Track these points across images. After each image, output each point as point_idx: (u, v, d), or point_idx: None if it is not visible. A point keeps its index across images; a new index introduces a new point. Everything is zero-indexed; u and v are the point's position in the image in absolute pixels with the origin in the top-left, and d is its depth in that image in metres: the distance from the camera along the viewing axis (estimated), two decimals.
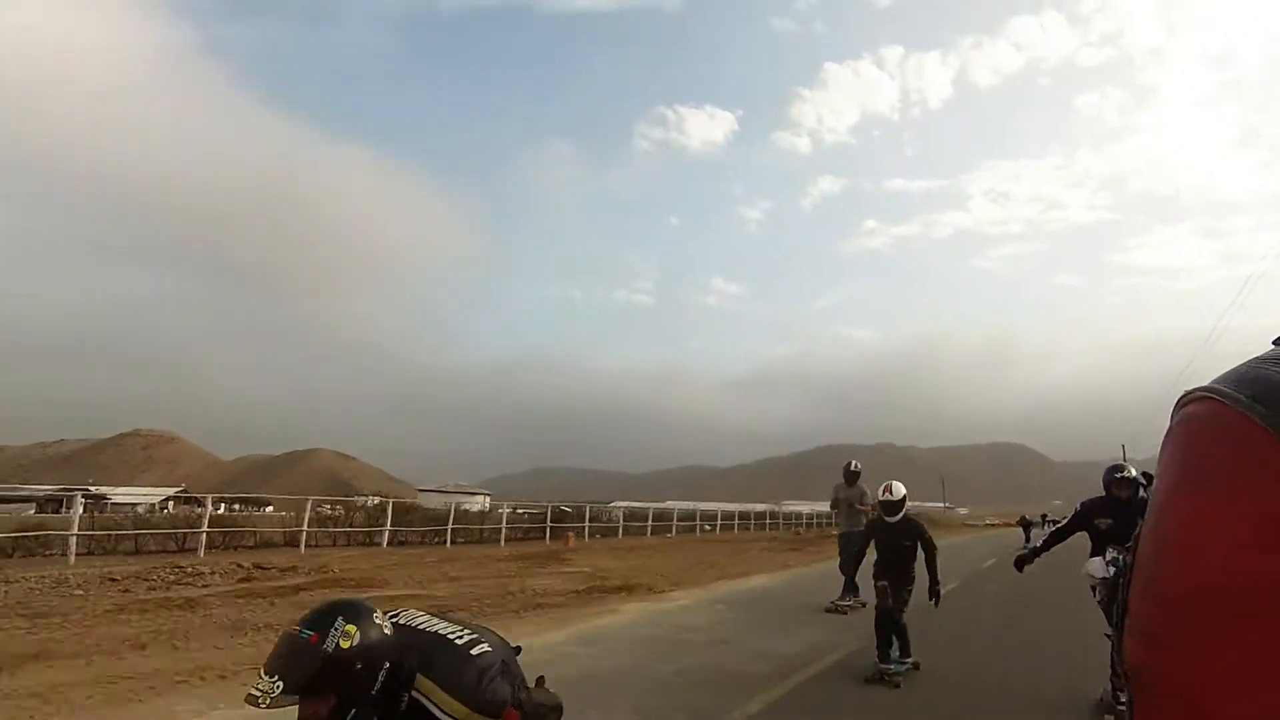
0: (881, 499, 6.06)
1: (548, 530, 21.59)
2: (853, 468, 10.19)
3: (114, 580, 9.35)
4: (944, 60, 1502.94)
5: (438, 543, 18.23)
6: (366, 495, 33.70)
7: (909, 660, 5.77)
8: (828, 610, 9.08)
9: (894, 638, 5.75)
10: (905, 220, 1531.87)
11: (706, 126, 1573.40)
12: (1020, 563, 5.64)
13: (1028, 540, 29.05)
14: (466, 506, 20.49)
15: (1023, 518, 35.02)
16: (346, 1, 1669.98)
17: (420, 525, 18.97)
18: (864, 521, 9.28)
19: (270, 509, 18.93)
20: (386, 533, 16.89)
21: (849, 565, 9.20)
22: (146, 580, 9.56)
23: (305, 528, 15.33)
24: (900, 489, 5.98)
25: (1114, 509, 4.83)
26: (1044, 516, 37.79)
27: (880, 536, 6.13)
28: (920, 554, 5.95)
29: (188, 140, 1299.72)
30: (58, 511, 27.68)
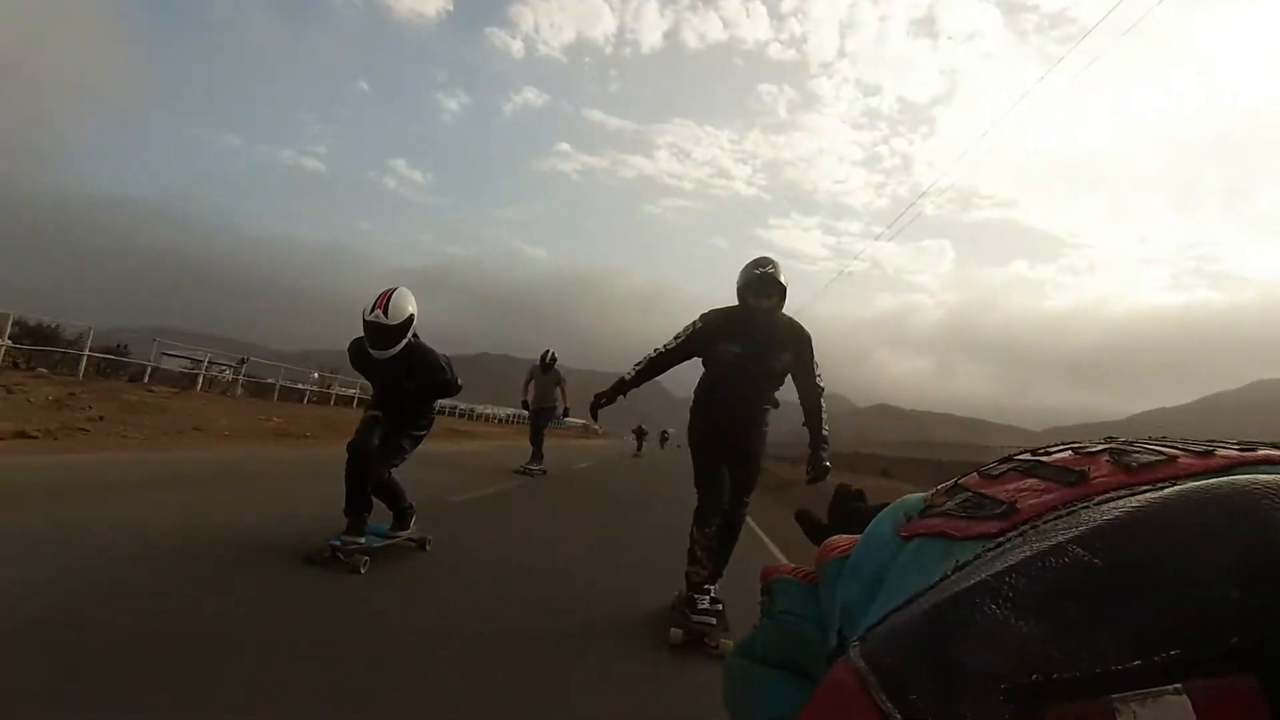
0: (369, 318, 3.74)
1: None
2: (548, 358, 10.56)
3: None
4: (661, 12, 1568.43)
5: None
6: None
7: (404, 534, 4.03)
8: (517, 472, 9.92)
9: (386, 501, 4.01)
10: (597, 153, 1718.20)
11: None
12: (600, 400, 3.50)
13: (639, 449, 29.65)
14: None
15: (639, 426, 34.31)
16: None
17: None
18: (557, 401, 10.48)
19: None
20: None
21: (536, 437, 10.77)
22: None
23: None
24: (406, 307, 3.78)
25: (745, 329, 3.26)
26: (663, 433, 41.71)
27: (371, 362, 3.88)
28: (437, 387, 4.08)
29: None
30: None
